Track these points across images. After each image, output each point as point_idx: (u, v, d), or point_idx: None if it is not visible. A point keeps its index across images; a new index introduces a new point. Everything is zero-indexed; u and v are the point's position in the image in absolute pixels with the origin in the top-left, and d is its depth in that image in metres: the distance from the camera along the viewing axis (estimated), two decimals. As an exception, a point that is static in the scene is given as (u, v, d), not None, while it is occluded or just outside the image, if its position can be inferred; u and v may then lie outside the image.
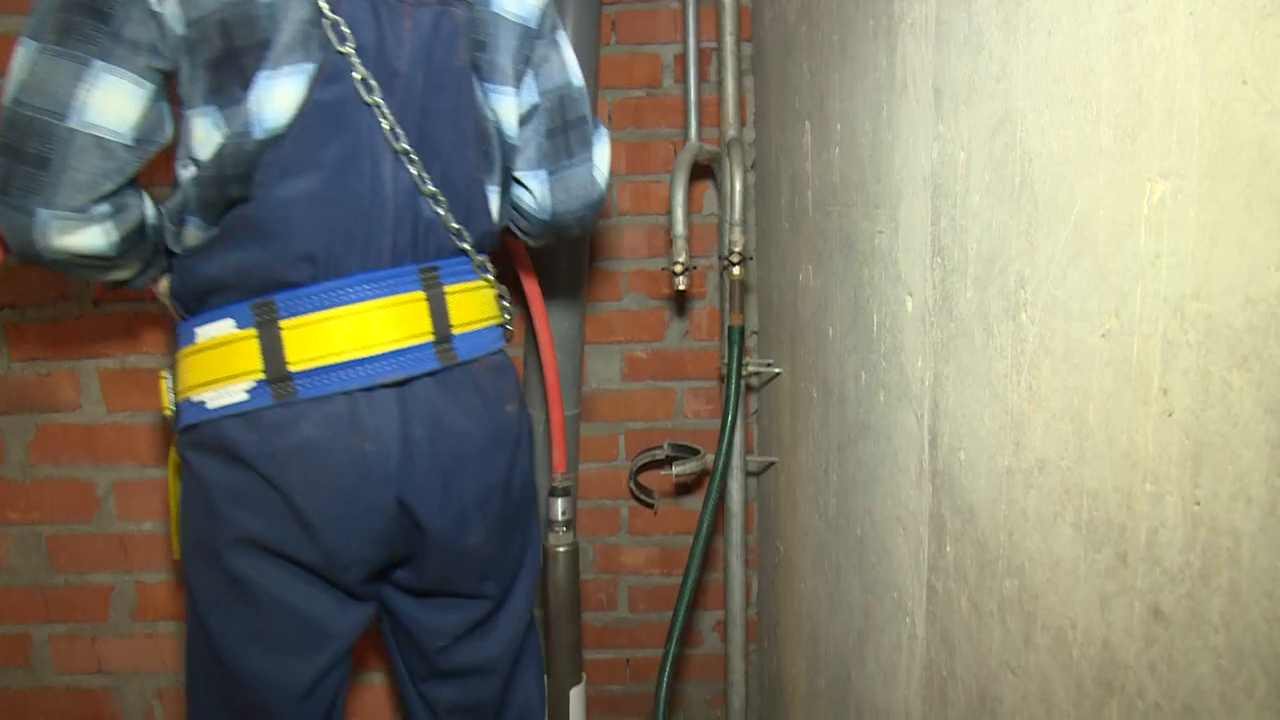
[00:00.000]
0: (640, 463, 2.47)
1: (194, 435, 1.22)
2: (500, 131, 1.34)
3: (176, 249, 1.24)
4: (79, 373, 2.02)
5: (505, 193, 1.41)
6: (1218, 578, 0.56)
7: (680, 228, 1.89)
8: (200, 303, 1.22)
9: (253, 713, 1.31)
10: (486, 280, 1.38)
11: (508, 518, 1.38)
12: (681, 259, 1.87)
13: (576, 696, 2.06)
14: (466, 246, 1.32)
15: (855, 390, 1.42)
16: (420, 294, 1.25)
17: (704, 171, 2.22)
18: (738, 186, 1.88)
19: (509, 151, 1.37)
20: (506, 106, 1.33)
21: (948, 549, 1.02)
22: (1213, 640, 0.56)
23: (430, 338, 1.26)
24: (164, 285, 1.34)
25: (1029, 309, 0.81)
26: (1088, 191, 0.69)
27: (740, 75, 2.08)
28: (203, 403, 1.19)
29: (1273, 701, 0.53)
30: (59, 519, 2.08)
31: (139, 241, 1.22)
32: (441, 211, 1.27)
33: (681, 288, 1.88)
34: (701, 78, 2.12)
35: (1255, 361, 0.53)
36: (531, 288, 1.82)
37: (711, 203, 2.27)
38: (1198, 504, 0.57)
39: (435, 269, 1.28)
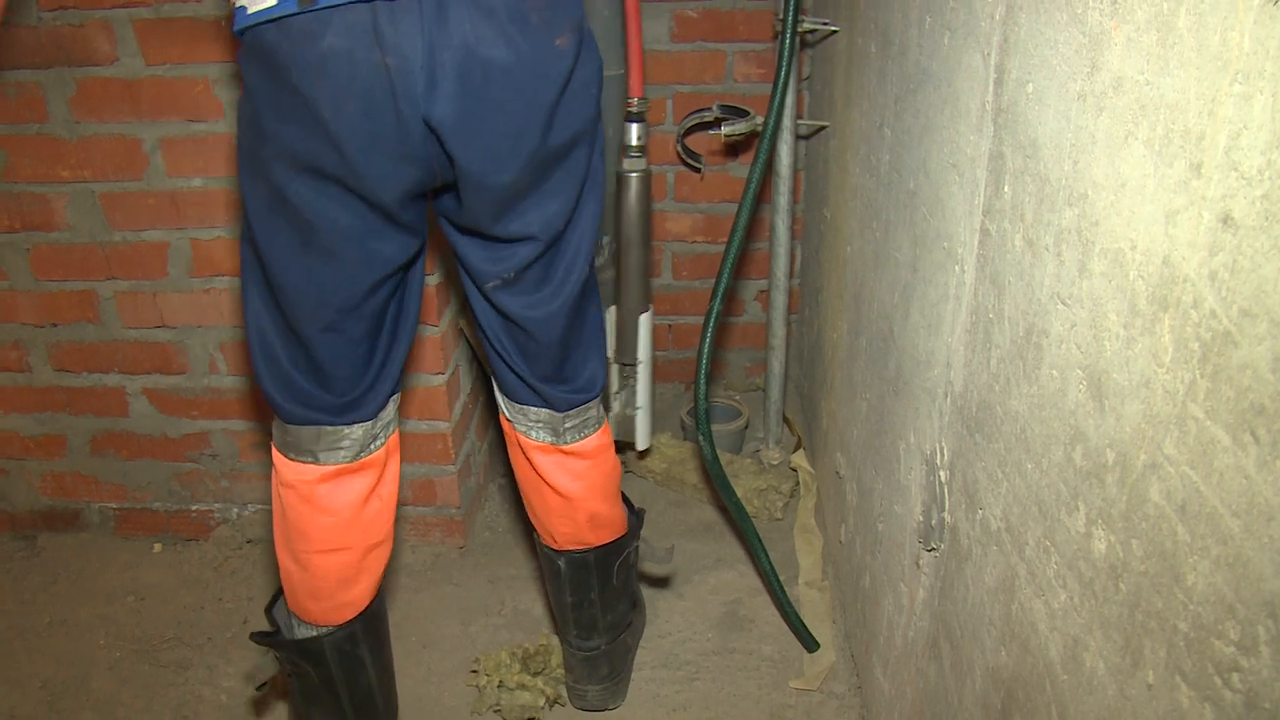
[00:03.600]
0: (688, 124, 2.42)
1: (245, 42, 1.19)
2: None
3: None
4: (112, 23, 1.96)
5: None
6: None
7: None
8: None
9: (303, 325, 1.35)
10: None
11: (545, 158, 1.30)
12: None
13: (645, 323, 2.12)
14: None
15: (918, 37, 1.35)
16: None
17: None
18: None
19: None
20: None
21: (1005, 189, 1.00)
22: (1285, 238, 0.54)
23: None
24: None
25: (1123, -87, 0.74)
26: None
27: None
28: (244, 7, 1.16)
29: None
30: (110, 177, 2.09)
31: None
32: None
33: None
34: None
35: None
36: None
37: None
38: (1291, 97, 0.54)
39: None
